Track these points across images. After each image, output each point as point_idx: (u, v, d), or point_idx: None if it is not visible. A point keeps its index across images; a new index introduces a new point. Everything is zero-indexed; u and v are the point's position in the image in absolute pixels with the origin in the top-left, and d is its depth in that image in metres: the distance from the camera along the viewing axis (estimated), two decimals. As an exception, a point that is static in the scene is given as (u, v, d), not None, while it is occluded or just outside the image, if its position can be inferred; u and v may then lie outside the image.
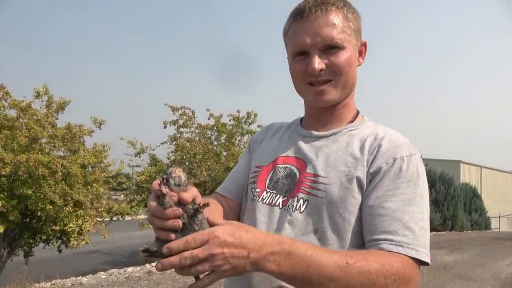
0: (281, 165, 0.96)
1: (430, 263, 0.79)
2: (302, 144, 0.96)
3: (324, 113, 0.96)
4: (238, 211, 1.04)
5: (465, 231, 15.57)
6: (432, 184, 15.37)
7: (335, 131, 0.95)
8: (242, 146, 8.85)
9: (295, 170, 0.93)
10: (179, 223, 0.65)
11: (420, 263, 0.78)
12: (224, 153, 8.58)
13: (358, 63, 0.94)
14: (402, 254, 0.76)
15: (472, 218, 16.89)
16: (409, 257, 0.76)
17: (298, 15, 0.90)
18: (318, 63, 0.87)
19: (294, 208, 0.88)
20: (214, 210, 0.90)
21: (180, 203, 0.66)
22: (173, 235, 0.65)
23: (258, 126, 9.07)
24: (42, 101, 6.12)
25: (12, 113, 5.76)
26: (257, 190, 0.97)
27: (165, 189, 0.64)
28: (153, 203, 0.67)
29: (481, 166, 25.80)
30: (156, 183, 0.67)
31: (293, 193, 0.90)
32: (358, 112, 1.00)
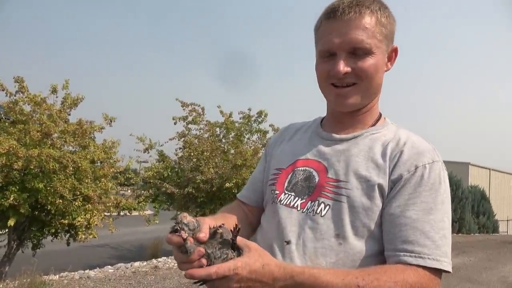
0: (300, 168, 0.96)
1: (451, 271, 0.79)
2: (322, 147, 0.96)
3: (346, 117, 0.95)
4: (259, 215, 1.05)
5: (472, 234, 15.43)
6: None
7: (356, 135, 0.93)
8: (250, 145, 8.86)
9: (314, 173, 0.93)
10: (204, 262, 0.70)
11: (443, 271, 0.79)
12: (232, 151, 8.60)
13: (386, 68, 0.93)
14: (422, 266, 0.76)
15: (480, 221, 16.74)
16: (430, 268, 0.76)
17: (330, 13, 0.87)
18: (343, 66, 0.86)
19: (314, 212, 0.88)
20: (230, 222, 0.93)
21: (199, 242, 0.71)
22: None
23: (270, 125, 9.07)
24: (57, 97, 6.18)
25: (27, 107, 5.83)
26: (276, 192, 0.97)
27: (185, 234, 0.70)
28: (178, 254, 0.72)
29: (490, 169, 25.52)
30: (172, 237, 0.71)
31: (312, 196, 0.90)
32: (380, 115, 0.99)
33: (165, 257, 7.41)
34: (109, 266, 6.49)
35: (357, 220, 0.84)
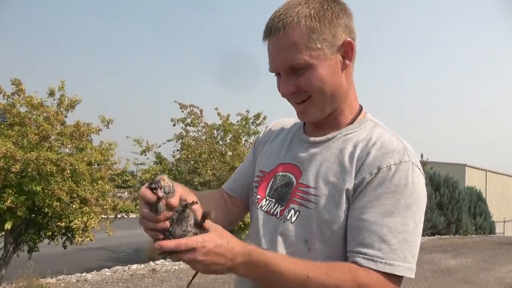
0: (280, 173, 0.96)
1: (413, 276, 0.78)
2: (300, 150, 0.95)
3: (321, 121, 0.93)
4: (242, 207, 1.08)
5: (469, 235, 15.48)
6: (436, 188, 15.30)
7: (329, 137, 0.92)
8: (248, 146, 8.87)
9: (293, 179, 0.93)
10: (167, 224, 0.72)
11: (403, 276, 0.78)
12: (230, 153, 8.60)
13: (344, 67, 0.87)
14: (373, 269, 0.76)
15: (477, 222, 16.79)
16: (383, 272, 0.76)
17: (264, 33, 0.87)
18: (287, 87, 0.86)
19: (285, 219, 0.89)
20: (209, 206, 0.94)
21: (168, 207, 0.73)
22: (161, 236, 0.73)
23: (266, 127, 9.05)
24: (54, 99, 6.17)
25: (24, 110, 5.81)
26: (258, 196, 0.99)
27: (161, 193, 0.71)
28: (145, 209, 0.73)
29: (486, 170, 25.66)
30: (147, 192, 0.72)
31: (288, 204, 0.90)
32: (360, 110, 0.95)
33: (162, 260, 7.38)
34: (107, 269, 6.47)
35: (325, 226, 0.83)
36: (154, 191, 0.71)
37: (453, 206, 15.41)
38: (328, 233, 0.83)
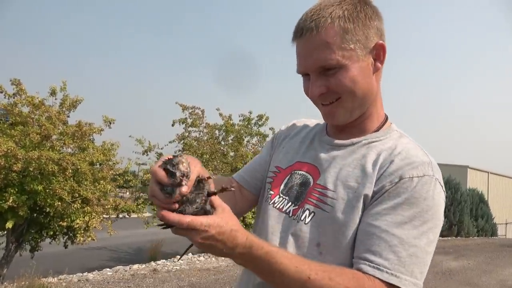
0: (298, 172, 0.94)
1: None
2: (321, 151, 0.93)
3: (346, 124, 0.91)
4: (250, 200, 1.05)
5: (471, 237, 15.44)
6: (438, 189, 15.24)
7: (354, 141, 0.89)
8: (250, 147, 8.88)
9: (310, 179, 0.90)
10: (176, 206, 0.68)
11: None
12: (231, 154, 8.61)
13: (375, 69, 0.85)
14: (377, 278, 0.73)
15: (479, 224, 16.73)
16: (387, 283, 0.72)
17: (295, 33, 0.85)
18: (316, 87, 0.84)
19: (299, 219, 0.86)
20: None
21: (180, 193, 0.69)
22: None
23: (270, 129, 9.10)
24: (56, 99, 6.19)
25: (26, 109, 5.84)
26: (271, 192, 0.96)
27: (185, 181, 0.67)
28: (156, 188, 0.67)
29: (488, 172, 25.55)
30: (161, 173, 0.66)
31: (302, 203, 0.88)
32: (386, 120, 0.93)
33: (164, 260, 7.39)
34: (108, 269, 6.47)
35: (340, 231, 0.81)
36: (173, 177, 0.66)
37: (455, 208, 15.36)
38: (342, 238, 0.80)
